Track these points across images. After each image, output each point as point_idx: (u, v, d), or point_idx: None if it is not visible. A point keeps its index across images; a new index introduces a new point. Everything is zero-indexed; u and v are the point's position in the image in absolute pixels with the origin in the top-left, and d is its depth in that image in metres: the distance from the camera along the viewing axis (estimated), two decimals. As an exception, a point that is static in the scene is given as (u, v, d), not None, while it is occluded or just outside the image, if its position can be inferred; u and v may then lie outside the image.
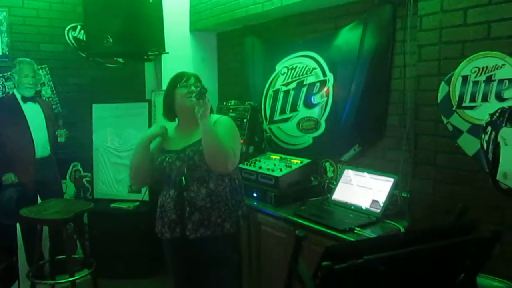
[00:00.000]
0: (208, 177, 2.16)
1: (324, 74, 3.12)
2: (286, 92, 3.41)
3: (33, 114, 3.56)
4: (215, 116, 2.25)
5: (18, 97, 3.52)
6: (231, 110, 3.52)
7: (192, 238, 2.12)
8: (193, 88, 2.16)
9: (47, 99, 4.04)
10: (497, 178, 1.92)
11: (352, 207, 2.66)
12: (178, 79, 2.23)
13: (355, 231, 2.31)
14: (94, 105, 4.04)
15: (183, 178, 1.91)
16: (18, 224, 3.51)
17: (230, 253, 2.26)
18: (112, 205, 3.84)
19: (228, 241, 2.22)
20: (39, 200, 3.55)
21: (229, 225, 2.18)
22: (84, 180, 4.30)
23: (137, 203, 3.82)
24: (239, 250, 2.37)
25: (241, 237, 2.36)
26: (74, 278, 3.05)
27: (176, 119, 2.33)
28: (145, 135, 2.28)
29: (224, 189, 2.19)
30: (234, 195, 2.24)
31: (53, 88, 4.13)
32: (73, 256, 3.41)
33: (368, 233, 2.29)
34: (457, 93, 2.11)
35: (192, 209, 2.13)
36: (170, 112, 2.28)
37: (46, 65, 4.07)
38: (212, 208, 2.15)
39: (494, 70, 1.97)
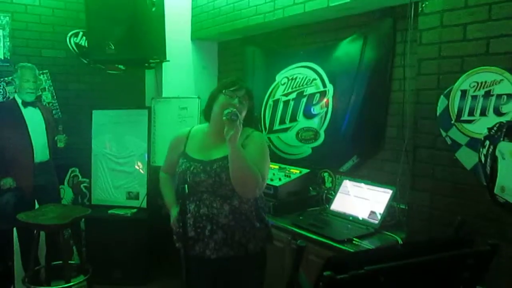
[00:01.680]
0: (232, 194, 1.97)
1: (324, 85, 3.15)
2: (286, 102, 3.43)
3: (33, 119, 3.57)
4: (248, 130, 2.06)
5: (19, 101, 3.53)
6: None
7: (213, 258, 1.97)
8: (236, 101, 1.98)
9: (47, 104, 4.05)
10: (495, 191, 1.93)
11: (350, 218, 2.67)
12: (228, 84, 2.04)
13: (353, 241, 2.32)
14: (94, 111, 4.05)
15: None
16: (15, 229, 3.51)
17: (253, 275, 2.11)
18: (109, 212, 3.83)
19: (251, 263, 2.06)
20: (37, 205, 3.55)
21: (253, 246, 2.02)
22: (82, 186, 4.29)
23: (135, 210, 3.82)
24: (264, 271, 2.16)
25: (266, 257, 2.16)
26: (70, 284, 3.06)
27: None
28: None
29: (250, 207, 2.03)
30: (259, 214, 2.08)
31: (54, 94, 4.15)
32: (69, 262, 3.40)
33: (366, 244, 2.31)
34: (456, 107, 2.13)
35: (214, 226, 1.96)
36: (207, 112, 2.11)
37: (47, 71, 4.09)
38: (236, 227, 1.98)
39: (492, 85, 2.00)
